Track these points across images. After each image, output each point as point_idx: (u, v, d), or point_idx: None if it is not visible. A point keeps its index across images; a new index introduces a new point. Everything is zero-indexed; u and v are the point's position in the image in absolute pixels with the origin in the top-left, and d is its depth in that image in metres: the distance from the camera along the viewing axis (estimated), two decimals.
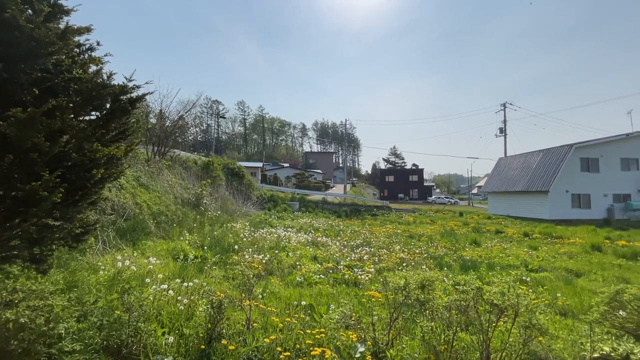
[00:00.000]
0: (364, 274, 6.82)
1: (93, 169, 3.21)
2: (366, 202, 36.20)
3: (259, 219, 16.50)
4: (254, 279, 3.88)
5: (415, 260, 8.76)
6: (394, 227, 18.08)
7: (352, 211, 27.96)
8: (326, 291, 5.52)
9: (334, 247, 10.05)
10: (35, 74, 2.87)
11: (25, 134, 2.63)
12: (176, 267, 5.93)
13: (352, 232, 14.84)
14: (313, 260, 8.22)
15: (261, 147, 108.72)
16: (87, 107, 3.18)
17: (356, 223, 20.31)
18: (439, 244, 12.27)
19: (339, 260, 8.21)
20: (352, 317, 3.44)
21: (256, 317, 3.89)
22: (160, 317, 3.58)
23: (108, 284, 4.40)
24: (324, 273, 6.83)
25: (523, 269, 8.33)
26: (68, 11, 3.21)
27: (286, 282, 6.02)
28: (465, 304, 3.31)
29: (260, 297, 4.74)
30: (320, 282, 6.14)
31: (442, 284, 5.50)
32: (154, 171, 12.35)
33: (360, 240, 12.12)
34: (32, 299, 2.61)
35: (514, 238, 15.47)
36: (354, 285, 6.26)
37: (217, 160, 20.49)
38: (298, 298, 4.84)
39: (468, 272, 7.76)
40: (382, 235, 13.97)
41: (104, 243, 6.76)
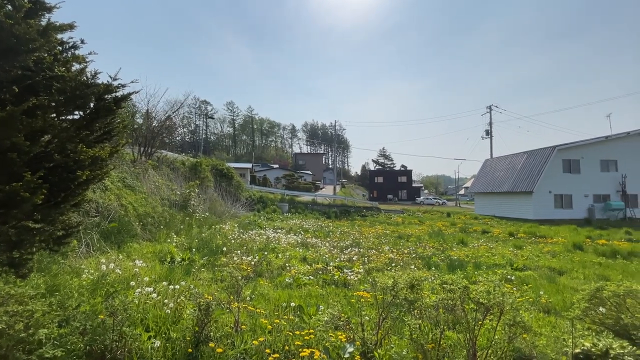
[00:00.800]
0: (353, 275, 6.84)
1: (77, 170, 3.13)
2: (355, 203, 36.37)
3: (248, 220, 16.37)
4: (242, 281, 3.84)
5: (404, 260, 8.84)
6: (383, 228, 18.22)
7: (342, 212, 28.03)
8: (315, 292, 5.52)
9: (323, 248, 10.06)
10: (15, 72, 2.78)
11: (4, 133, 2.55)
12: (163, 270, 5.83)
13: (341, 233, 14.87)
14: (302, 261, 8.21)
15: (250, 148, 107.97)
16: (70, 107, 3.10)
17: (346, 224, 20.37)
18: (427, 244, 12.42)
19: (329, 261, 8.21)
20: (341, 318, 3.45)
21: (245, 319, 3.85)
22: (145, 321, 3.51)
23: (91, 288, 4.29)
24: (314, 274, 6.82)
25: (508, 268, 8.51)
26: (50, 8, 3.14)
27: (275, 284, 5.99)
28: (453, 303, 3.36)
29: (249, 299, 4.70)
30: (310, 284, 6.13)
31: (430, 284, 5.56)
32: (140, 172, 12.11)
33: (350, 241, 12.16)
34: (11, 304, 2.52)
35: (499, 238, 15.79)
36: (343, 286, 6.27)
37: (205, 161, 20.24)
38: (287, 299, 4.82)
39: (455, 271, 7.88)
40: (371, 236, 14.05)
41: (87, 246, 6.59)
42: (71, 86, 2.99)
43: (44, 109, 2.88)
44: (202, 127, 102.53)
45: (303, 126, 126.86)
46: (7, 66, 2.71)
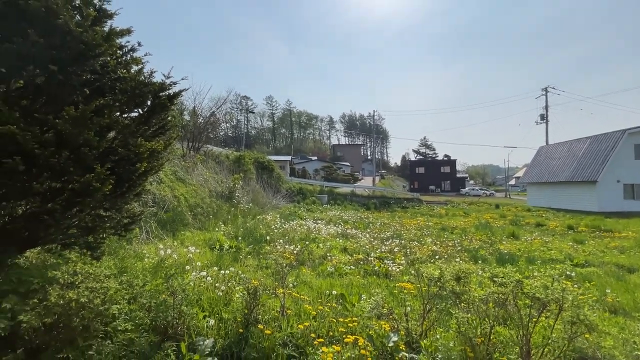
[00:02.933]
0: (395, 266, 6.76)
1: (137, 162, 3.44)
2: (395, 195, 35.59)
3: (289, 212, 16.79)
4: (286, 268, 3.98)
5: (448, 253, 8.52)
6: (425, 220, 17.66)
7: (381, 204, 27.62)
8: (357, 282, 5.55)
9: (363, 239, 10.03)
10: (85, 76, 3.10)
11: (77, 130, 2.86)
12: (213, 256, 6.22)
13: (381, 224, 14.69)
14: (343, 251, 8.27)
15: (289, 140, 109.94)
16: (131, 105, 3.40)
17: (386, 215, 20.06)
18: (474, 237, 11.83)
19: (369, 252, 8.18)
20: (384, 308, 3.44)
21: (290, 304, 4.00)
22: (200, 301, 3.79)
23: (153, 271, 4.72)
24: (355, 264, 6.85)
25: (567, 264, 7.84)
26: (111, 15, 3.42)
27: (317, 272, 6.12)
28: (504, 297, 3.19)
29: (292, 286, 4.86)
30: (351, 273, 6.18)
31: (477, 277, 5.32)
32: (189, 166, 12.94)
33: (391, 232, 11.98)
34: (90, 282, 2.86)
35: (556, 231, 14.55)
36: (384, 277, 6.23)
37: (247, 155, 21.03)
38: (329, 288, 4.91)
39: (505, 265, 7.43)
40: (412, 228, 13.71)
41: (147, 233, 7.24)
42: (132, 86, 3.27)
43: (109, 107, 3.18)
44: (244, 121, 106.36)
45: (341, 117, 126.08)
46: (78, 70, 3.02)
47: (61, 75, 2.84)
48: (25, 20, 2.69)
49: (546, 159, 33.85)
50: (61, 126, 2.71)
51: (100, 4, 3.26)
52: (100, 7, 3.23)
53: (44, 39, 2.69)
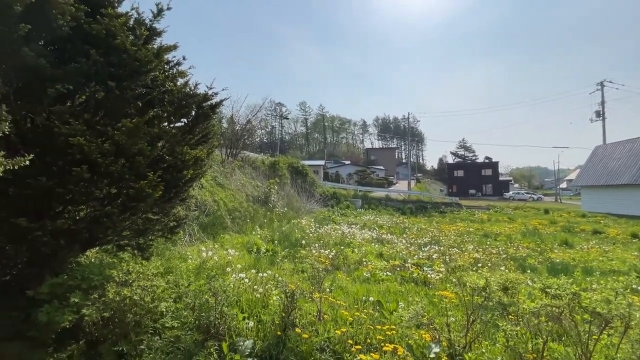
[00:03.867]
0: (434, 273, 6.50)
1: (183, 169, 3.66)
2: (433, 199, 34.34)
3: (323, 216, 16.85)
4: (322, 273, 3.99)
5: (492, 261, 8.03)
6: (466, 225, 16.82)
7: (418, 208, 26.76)
8: (394, 289, 5.41)
9: (400, 245, 9.77)
10: (138, 90, 3.37)
11: (132, 140, 3.11)
12: (251, 259, 6.41)
13: (418, 229, 14.23)
14: (379, 257, 8.12)
15: (322, 145, 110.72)
16: (178, 115, 3.63)
17: (422, 221, 19.40)
18: (520, 245, 11.04)
19: (406, 258, 7.95)
20: (424, 317, 3.32)
21: (326, 309, 3.99)
22: (240, 303, 3.91)
23: (196, 271, 4.97)
24: (391, 270, 6.69)
25: (633, 276, 7.03)
26: (160, 33, 3.69)
27: (353, 278, 6.05)
28: (559, 311, 2.94)
29: (328, 291, 4.85)
30: (388, 280, 6.04)
31: (527, 288, 4.95)
32: (228, 171, 13.49)
33: (428, 238, 11.55)
34: (142, 280, 3.08)
35: (617, 239, 13.13)
36: (423, 284, 6.01)
37: (282, 160, 21.49)
38: (366, 294, 4.84)
39: (558, 276, 6.84)
40: (452, 234, 13.11)
41: (190, 235, 7.64)
42: (178, 98, 3.50)
43: (159, 118, 3.43)
44: (278, 127, 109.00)
45: (374, 121, 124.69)
46: (132, 85, 3.29)
47: (118, 90, 3.11)
48: (88, 43, 2.98)
49: (604, 160, 30.80)
50: (118, 137, 2.96)
51: (151, 24, 3.53)
52: (151, 26, 3.51)
53: (104, 58, 2.96)
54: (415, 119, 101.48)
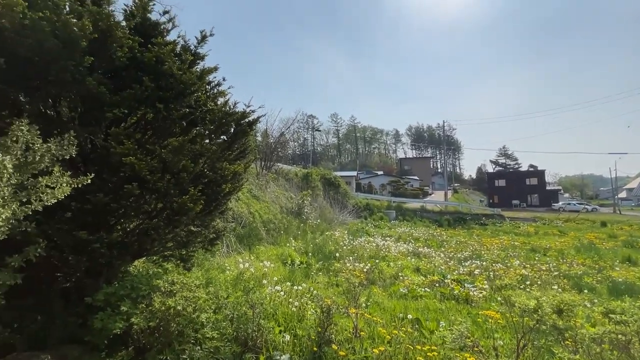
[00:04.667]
0: (477, 291, 6.13)
1: (222, 184, 3.82)
2: (472, 210, 32.65)
3: (356, 228, 16.65)
4: (358, 288, 3.92)
5: (542, 278, 7.41)
6: (510, 239, 15.75)
7: (456, 220, 25.56)
8: (433, 306, 5.16)
9: (438, 259, 9.36)
10: (182, 110, 3.60)
11: (177, 158, 3.31)
12: (286, 271, 6.47)
13: (457, 243, 13.56)
14: (416, 271, 7.83)
15: (354, 156, 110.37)
16: (218, 133, 3.82)
17: (461, 233, 18.48)
18: (574, 261, 10.10)
19: (445, 273, 7.59)
20: (469, 338, 3.12)
21: (362, 325, 3.90)
22: (276, 316, 3.94)
23: (233, 283, 5.10)
24: (429, 286, 6.41)
25: None
26: (203, 57, 3.94)
27: (389, 293, 5.88)
28: (626, 339, 2.63)
29: (364, 306, 4.74)
30: (426, 296, 5.78)
31: (584, 310, 4.50)
32: (263, 184, 13.86)
33: (469, 252, 10.96)
34: (185, 291, 3.22)
35: None
36: (465, 302, 5.69)
37: (315, 171, 21.69)
38: (403, 311, 4.67)
39: (621, 297, 6.14)
40: (495, 248, 12.33)
41: (227, 247, 7.90)
42: (219, 116, 3.70)
43: (201, 136, 3.64)
44: (310, 139, 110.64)
45: (407, 130, 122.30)
46: (178, 106, 3.53)
47: (165, 111, 3.35)
48: (140, 70, 3.26)
49: None
50: (165, 154, 3.17)
51: (195, 49, 3.80)
52: (195, 51, 3.76)
53: (154, 82, 3.22)
54: (451, 127, 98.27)
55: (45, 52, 2.60)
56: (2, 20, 2.48)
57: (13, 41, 2.48)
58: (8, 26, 2.43)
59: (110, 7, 3.21)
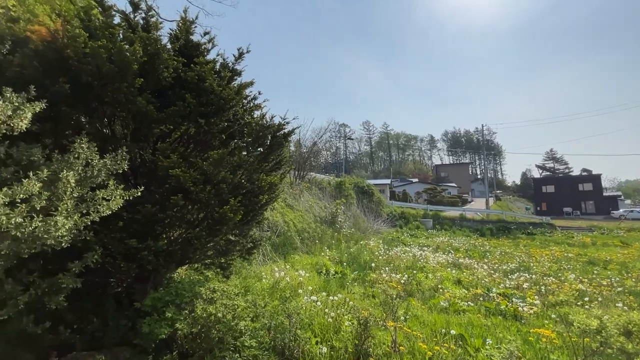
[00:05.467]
0: (527, 306, 5.67)
1: (259, 194, 3.92)
2: (517, 219, 30.52)
3: (391, 237, 16.23)
4: (396, 300, 3.79)
5: (602, 294, 6.69)
6: (562, 250, 14.46)
7: (499, 229, 24.02)
8: (478, 322, 4.84)
9: (481, 271, 8.82)
10: (222, 124, 3.78)
11: (217, 170, 3.46)
12: (320, 281, 6.44)
13: (502, 253, 12.71)
14: (457, 284, 7.43)
15: (387, 163, 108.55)
16: (255, 145, 3.95)
17: (506, 243, 17.32)
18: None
19: (490, 286, 7.12)
20: (521, 359, 2.88)
21: (401, 339, 3.75)
22: (312, 326, 3.92)
23: (270, 291, 5.17)
24: (473, 300, 6.04)
25: None
26: (240, 72, 4.12)
27: (429, 306, 5.62)
28: None
29: (403, 319, 4.57)
30: (469, 310, 5.45)
31: None
32: (296, 193, 14.05)
33: (515, 264, 10.21)
34: (224, 299, 3.31)
35: None
36: (513, 319, 5.28)
37: (348, 180, 21.59)
38: (445, 326, 4.43)
39: None
40: (545, 260, 11.38)
41: (263, 255, 8.05)
42: (255, 129, 3.83)
43: (239, 149, 3.78)
44: (342, 148, 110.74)
45: (443, 135, 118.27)
46: (218, 121, 3.70)
47: (206, 126, 3.53)
48: (184, 88, 3.48)
49: None
50: (206, 167, 3.33)
51: (232, 66, 3.98)
52: (233, 67, 3.95)
53: (196, 99, 3.41)
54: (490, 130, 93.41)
55: (102, 76, 2.87)
56: (67, 50, 2.78)
57: (76, 68, 2.76)
58: (72, 55, 2.72)
59: (157, 32, 3.48)
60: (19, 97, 2.08)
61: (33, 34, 2.78)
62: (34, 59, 2.74)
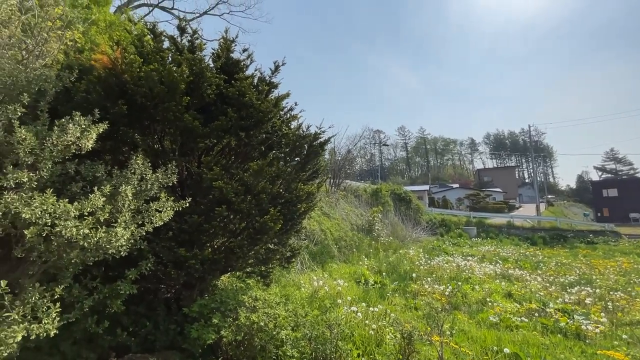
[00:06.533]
0: (591, 324, 5.10)
1: (297, 203, 3.97)
2: (574, 226, 27.82)
3: (432, 246, 15.57)
4: (442, 314, 3.60)
5: None
6: (632, 261, 12.89)
7: (553, 237, 22.04)
8: (534, 340, 4.44)
9: (534, 284, 8.12)
10: (260, 136, 3.90)
11: (257, 180, 3.56)
12: (359, 291, 6.32)
13: (558, 264, 11.63)
14: (507, 297, 6.90)
15: (425, 169, 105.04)
16: (293, 155, 4.03)
17: (562, 253, 15.84)
18: None
19: (546, 301, 6.52)
20: None
21: (448, 356, 3.55)
22: (353, 338, 3.84)
23: (309, 300, 5.17)
24: (527, 316, 5.57)
25: None
26: (277, 85, 4.24)
27: (476, 321, 5.27)
28: None
29: (449, 334, 4.33)
30: (523, 327, 5.02)
31: None
32: (332, 201, 14.04)
33: (575, 276, 9.28)
34: (266, 307, 3.37)
35: None
36: (576, 338, 4.77)
37: (384, 187, 21.19)
38: (496, 343, 4.11)
39: None
40: (610, 272, 10.22)
41: (301, 264, 8.10)
42: (292, 140, 3.90)
43: (277, 159, 3.87)
44: (377, 154, 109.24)
45: (484, 138, 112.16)
46: (257, 133, 3.83)
47: (246, 138, 3.67)
48: (225, 103, 3.65)
49: None
50: (247, 178, 3.44)
51: (269, 79, 4.12)
52: (269, 81, 4.09)
53: (237, 113, 3.57)
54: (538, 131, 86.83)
55: (154, 97, 3.11)
56: (125, 75, 3.05)
57: (132, 91, 3.02)
58: (129, 79, 2.98)
59: (201, 52, 3.71)
60: (86, 119, 2.32)
61: (96, 62, 3.10)
62: (97, 84, 3.04)
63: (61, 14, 3.57)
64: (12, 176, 1.82)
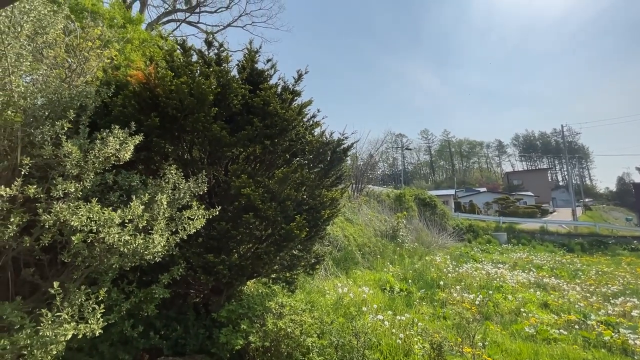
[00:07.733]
0: (639, 339, 4.71)
1: (321, 210, 3.98)
2: (615, 232, 25.94)
3: (459, 252, 15.05)
4: (474, 324, 3.46)
5: None
6: None
7: (592, 244, 20.67)
8: (575, 354, 4.16)
9: (573, 293, 7.64)
10: (285, 144, 3.96)
11: (282, 188, 3.61)
12: (385, 298, 6.21)
13: (598, 273, 10.88)
14: (543, 307, 6.53)
15: (450, 173, 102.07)
16: (316, 162, 4.05)
17: (603, 260, 14.82)
18: None
19: (587, 312, 6.11)
20: None
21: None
22: (380, 347, 3.77)
23: (334, 307, 5.14)
24: (565, 328, 5.23)
25: None
26: (299, 93, 4.30)
27: (510, 332, 5.01)
28: None
29: (480, 345, 4.15)
30: (562, 340, 4.72)
31: None
32: (355, 207, 13.94)
33: (618, 286, 8.64)
34: (292, 314, 3.38)
35: None
36: (622, 353, 4.43)
37: (408, 192, 20.80)
38: (533, 356, 3.90)
39: None
40: None
41: (325, 270, 8.08)
42: (316, 147, 3.93)
43: (301, 166, 3.91)
44: (400, 159, 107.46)
45: (513, 139, 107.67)
46: (281, 141, 3.90)
47: (271, 146, 3.74)
48: (250, 112, 3.75)
49: None
50: (272, 185, 3.50)
51: (292, 87, 4.19)
52: (293, 89, 4.16)
53: (262, 122, 3.65)
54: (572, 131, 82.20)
55: (184, 108, 3.25)
56: (158, 89, 3.21)
57: (164, 104, 3.17)
58: (161, 93, 3.14)
59: (227, 64, 3.85)
60: (123, 132, 2.46)
61: (132, 77, 3.29)
62: (133, 98, 3.21)
63: (100, 34, 3.82)
64: (61, 187, 1.96)
